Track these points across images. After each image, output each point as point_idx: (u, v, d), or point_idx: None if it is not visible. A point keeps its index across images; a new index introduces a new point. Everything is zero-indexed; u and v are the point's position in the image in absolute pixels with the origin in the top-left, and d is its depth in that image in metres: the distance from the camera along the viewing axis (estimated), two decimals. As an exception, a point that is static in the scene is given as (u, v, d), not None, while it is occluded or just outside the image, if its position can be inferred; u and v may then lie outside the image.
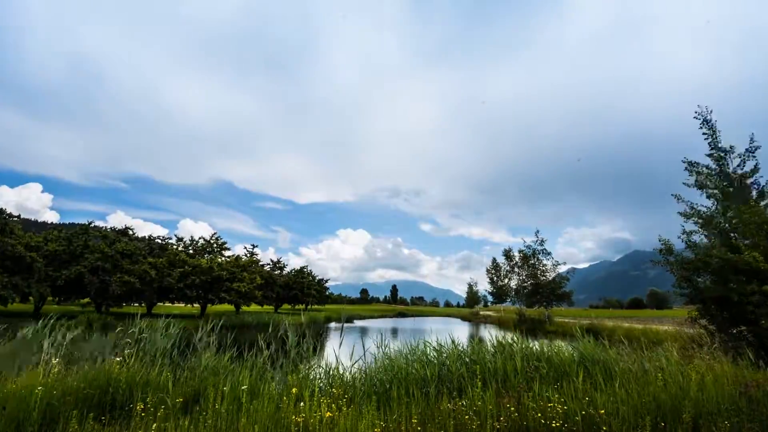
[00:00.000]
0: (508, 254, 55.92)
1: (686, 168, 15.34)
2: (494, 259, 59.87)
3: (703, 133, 15.14)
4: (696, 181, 15.08)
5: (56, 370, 6.88)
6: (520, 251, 54.15)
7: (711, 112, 15.04)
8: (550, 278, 50.59)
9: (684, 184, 15.39)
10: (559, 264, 51.30)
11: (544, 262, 51.54)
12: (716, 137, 14.88)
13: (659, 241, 15.77)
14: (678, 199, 15.24)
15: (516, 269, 54.95)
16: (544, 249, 51.60)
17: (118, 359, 7.39)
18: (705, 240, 14.80)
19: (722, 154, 14.73)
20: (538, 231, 52.62)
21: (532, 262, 52.12)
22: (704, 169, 15.04)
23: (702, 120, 15.10)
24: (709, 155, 15.04)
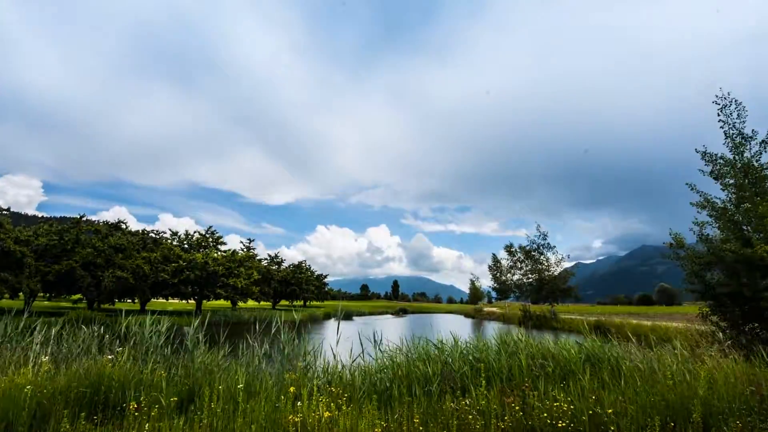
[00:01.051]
0: (509, 249, 55.83)
1: (702, 157, 15.17)
2: (494, 255, 59.67)
3: (719, 120, 14.96)
4: (712, 171, 14.94)
5: (46, 368, 6.89)
6: (520, 247, 54.09)
7: (733, 99, 14.84)
8: (555, 273, 50.54)
9: (700, 170, 15.24)
10: (563, 258, 51.27)
11: (548, 256, 51.48)
12: (735, 124, 14.68)
13: (669, 234, 15.69)
14: (692, 188, 15.11)
15: (518, 264, 54.88)
16: (547, 243, 51.54)
17: (110, 357, 7.39)
18: (718, 233, 14.72)
19: (739, 143, 14.56)
20: (539, 225, 52.52)
21: (536, 256, 52.04)
22: (720, 159, 14.89)
23: (721, 106, 14.91)
24: (726, 143, 14.87)
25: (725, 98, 14.92)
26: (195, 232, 56.29)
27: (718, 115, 14.96)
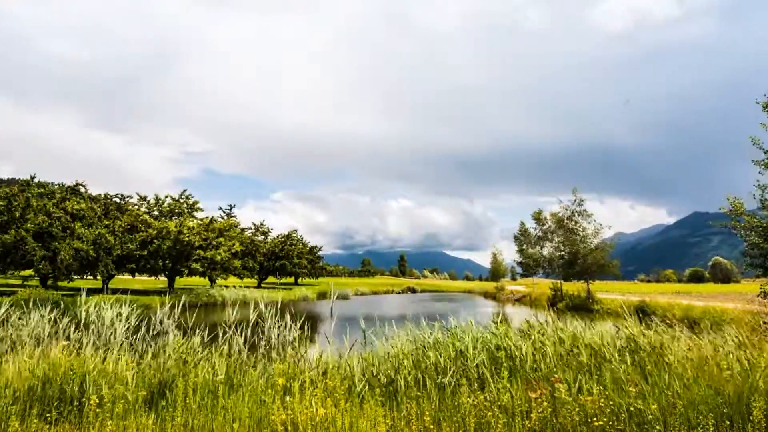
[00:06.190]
0: (538, 217, 55.55)
1: (764, 108, 14.91)
2: (522, 224, 59.50)
3: None
4: None
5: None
6: (551, 214, 53.76)
7: None
8: (592, 246, 50.20)
9: (762, 125, 14.98)
10: (603, 228, 50.78)
11: (584, 225, 51.05)
12: None
13: (726, 199, 15.55)
14: (755, 143, 14.88)
15: (549, 235, 54.69)
16: (584, 210, 51.06)
17: (66, 344, 7.43)
18: None
19: None
20: (575, 189, 51.78)
21: (570, 226, 51.66)
22: None
23: None
24: None
25: None
26: (167, 196, 56.35)
27: None
